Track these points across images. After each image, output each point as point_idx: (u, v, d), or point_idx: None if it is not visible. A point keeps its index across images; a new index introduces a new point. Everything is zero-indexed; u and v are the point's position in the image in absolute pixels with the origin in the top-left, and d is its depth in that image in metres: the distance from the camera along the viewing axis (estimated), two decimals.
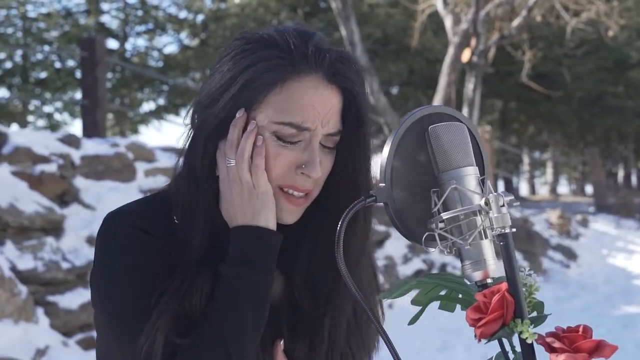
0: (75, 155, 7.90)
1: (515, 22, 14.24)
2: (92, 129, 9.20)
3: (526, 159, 38.78)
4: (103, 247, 1.53)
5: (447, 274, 1.43)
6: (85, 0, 19.14)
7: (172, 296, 1.46)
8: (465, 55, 13.71)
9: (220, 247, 1.52)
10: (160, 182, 8.45)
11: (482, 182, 1.35)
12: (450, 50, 13.84)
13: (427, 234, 1.34)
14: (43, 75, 18.06)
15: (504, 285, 1.29)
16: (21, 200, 6.86)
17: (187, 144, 1.57)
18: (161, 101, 19.86)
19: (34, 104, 18.81)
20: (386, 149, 1.36)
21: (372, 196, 1.35)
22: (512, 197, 1.32)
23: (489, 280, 1.32)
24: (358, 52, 12.61)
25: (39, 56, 18.03)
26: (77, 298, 6.81)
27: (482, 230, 1.31)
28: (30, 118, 19.04)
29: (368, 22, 19.68)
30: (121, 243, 1.51)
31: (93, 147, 8.25)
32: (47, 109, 19.18)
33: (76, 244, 7.16)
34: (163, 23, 19.46)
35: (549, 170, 37.43)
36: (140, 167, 8.53)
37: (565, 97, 27.72)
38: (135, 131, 20.56)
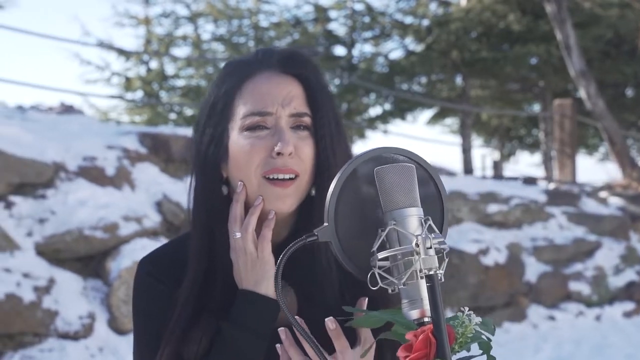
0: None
1: None
2: None
3: None
4: (132, 293, 1.73)
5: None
6: (313, 9, 19.68)
7: (169, 340, 1.60)
8: None
9: (216, 292, 1.64)
10: None
11: (425, 223, 1.37)
12: None
13: (371, 272, 1.38)
14: None
15: (430, 326, 1.32)
16: None
17: (191, 179, 1.70)
18: (387, 106, 20.07)
19: None
20: (330, 189, 1.42)
21: (314, 235, 1.41)
22: (441, 239, 1.34)
23: (426, 319, 1.35)
24: (574, 56, 12.26)
25: None
26: None
27: (417, 271, 1.34)
28: None
29: (598, 23, 19.05)
30: (136, 291, 1.70)
31: None
32: None
33: None
34: (389, 29, 19.69)
35: None
36: None
37: None
38: (362, 136, 20.89)
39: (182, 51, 19.38)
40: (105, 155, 6.89)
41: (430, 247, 1.32)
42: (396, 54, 20.06)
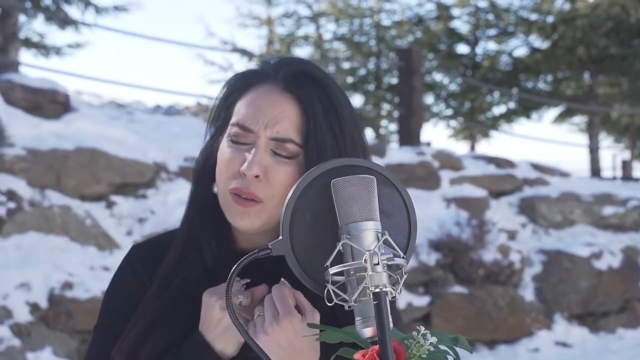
0: (380, 163, 8.13)
1: None
2: (407, 137, 9.42)
3: None
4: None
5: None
6: (436, 7, 19.51)
7: (126, 339, 1.58)
8: None
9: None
10: (466, 191, 8.49)
11: (380, 237, 1.32)
12: None
13: (327, 288, 1.34)
14: (394, 81, 18.61)
15: (377, 347, 1.26)
16: None
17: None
18: (511, 105, 19.73)
19: (385, 109, 19.55)
20: (286, 201, 1.38)
21: (267, 248, 1.37)
22: (390, 255, 1.28)
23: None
24: None
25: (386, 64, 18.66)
26: None
27: (368, 288, 1.28)
28: (383, 122, 19.77)
29: None
30: (114, 276, 1.69)
31: (398, 155, 8.47)
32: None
33: None
34: (513, 26, 19.34)
35: None
36: (446, 175, 8.61)
37: None
38: (485, 135, 20.60)
39: (303, 51, 19.52)
40: None
41: (378, 264, 1.26)
42: (520, 52, 19.66)
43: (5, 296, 5.46)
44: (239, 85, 1.60)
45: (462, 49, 19.84)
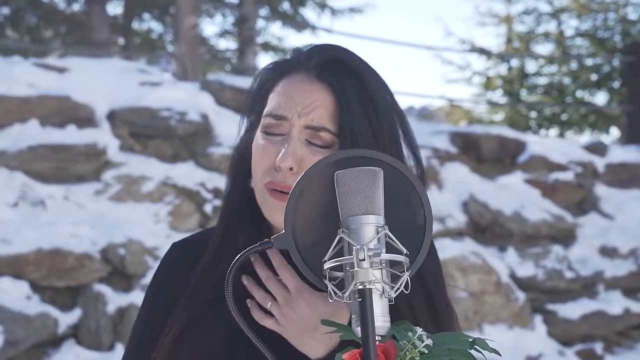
0: (600, 163, 7.80)
1: None
2: (637, 135, 8.96)
3: None
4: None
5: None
6: None
7: (165, 338, 1.55)
8: None
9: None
10: None
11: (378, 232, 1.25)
12: None
13: (329, 284, 1.29)
14: None
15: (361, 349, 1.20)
16: (529, 208, 7.01)
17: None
18: None
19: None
20: (290, 194, 1.34)
21: (269, 241, 1.33)
22: (377, 251, 1.22)
23: (378, 338, 1.23)
24: None
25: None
26: (579, 308, 6.78)
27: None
28: None
29: None
30: (154, 275, 1.68)
31: (621, 154, 8.07)
32: None
33: (587, 253, 7.11)
34: None
35: None
36: None
37: None
38: None
39: (544, 48, 19.06)
40: None
41: (364, 259, 1.20)
42: None
43: None
44: (270, 76, 1.56)
45: None
